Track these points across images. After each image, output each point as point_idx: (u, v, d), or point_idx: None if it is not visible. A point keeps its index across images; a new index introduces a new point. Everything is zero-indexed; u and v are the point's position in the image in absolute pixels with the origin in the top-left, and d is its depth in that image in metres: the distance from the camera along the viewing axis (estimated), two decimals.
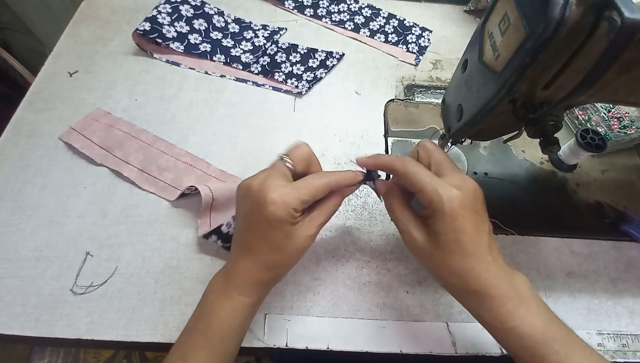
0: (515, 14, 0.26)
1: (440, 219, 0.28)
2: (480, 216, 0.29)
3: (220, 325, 0.30)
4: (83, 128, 0.47)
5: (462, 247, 0.28)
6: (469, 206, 0.28)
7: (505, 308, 0.28)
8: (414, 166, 0.30)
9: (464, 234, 0.28)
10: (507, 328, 0.28)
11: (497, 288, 0.28)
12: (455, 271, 0.29)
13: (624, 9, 0.20)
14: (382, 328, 0.38)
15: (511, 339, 0.28)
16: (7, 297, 0.37)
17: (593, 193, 0.49)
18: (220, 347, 0.30)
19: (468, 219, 0.28)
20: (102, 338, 0.36)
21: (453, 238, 0.28)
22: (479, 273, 0.28)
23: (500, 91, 0.28)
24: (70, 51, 0.55)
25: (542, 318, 0.28)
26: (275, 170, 0.30)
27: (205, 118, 0.51)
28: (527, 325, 0.27)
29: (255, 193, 0.29)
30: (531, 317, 0.28)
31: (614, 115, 0.51)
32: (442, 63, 0.61)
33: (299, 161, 0.32)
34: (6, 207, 0.42)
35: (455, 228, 0.28)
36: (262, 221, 0.29)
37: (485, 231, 0.29)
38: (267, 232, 0.29)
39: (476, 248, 0.28)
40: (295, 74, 0.56)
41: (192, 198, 0.44)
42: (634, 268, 0.44)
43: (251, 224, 0.30)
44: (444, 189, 0.28)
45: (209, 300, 0.31)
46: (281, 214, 0.28)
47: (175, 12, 0.56)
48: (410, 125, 0.53)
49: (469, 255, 0.28)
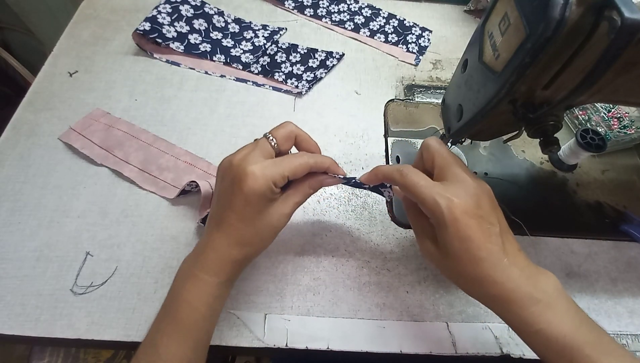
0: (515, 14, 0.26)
1: (444, 230, 0.27)
2: (487, 219, 0.28)
3: (188, 309, 0.29)
4: (83, 128, 0.47)
5: (473, 255, 0.27)
6: (472, 213, 0.27)
7: (529, 312, 0.27)
8: (412, 176, 0.29)
9: (472, 242, 0.27)
10: (532, 332, 0.27)
11: (518, 292, 0.27)
12: (471, 279, 0.28)
13: (624, 9, 0.20)
14: (382, 328, 0.38)
15: (538, 342, 0.27)
16: (7, 297, 0.37)
17: (593, 193, 0.49)
18: (190, 332, 0.29)
19: (472, 227, 0.27)
20: (102, 338, 0.36)
21: (461, 247, 0.27)
22: (495, 278, 0.27)
23: (500, 91, 0.28)
24: (70, 51, 0.55)
25: (571, 321, 0.27)
26: (257, 147, 0.30)
27: (205, 118, 0.51)
28: (554, 328, 0.26)
29: (235, 168, 0.29)
30: (559, 320, 0.26)
31: (614, 115, 0.51)
32: (442, 63, 0.61)
33: (283, 139, 0.32)
34: (6, 207, 0.42)
35: (461, 237, 0.27)
36: (240, 195, 0.28)
37: (495, 234, 0.28)
38: (242, 206, 0.29)
39: (488, 253, 0.27)
40: (295, 74, 0.56)
41: (192, 197, 0.44)
42: (634, 268, 0.44)
43: (228, 200, 0.29)
44: (444, 199, 0.27)
45: (177, 283, 0.30)
46: (260, 187, 0.28)
47: (175, 12, 0.56)
48: (410, 125, 0.53)
49: (481, 262, 0.27)
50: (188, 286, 0.29)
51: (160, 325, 0.29)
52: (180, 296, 0.29)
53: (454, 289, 0.41)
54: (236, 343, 0.36)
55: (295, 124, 0.33)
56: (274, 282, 0.40)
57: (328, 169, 0.33)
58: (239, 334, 0.37)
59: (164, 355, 0.28)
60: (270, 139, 0.31)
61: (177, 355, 0.28)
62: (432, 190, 0.28)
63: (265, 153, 0.30)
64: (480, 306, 0.40)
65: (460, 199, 0.27)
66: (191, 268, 0.30)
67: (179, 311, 0.29)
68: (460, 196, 0.28)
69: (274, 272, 0.40)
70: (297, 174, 0.30)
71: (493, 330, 0.39)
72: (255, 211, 0.29)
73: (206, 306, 0.29)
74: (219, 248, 0.30)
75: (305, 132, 0.34)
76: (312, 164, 0.31)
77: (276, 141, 0.31)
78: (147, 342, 0.29)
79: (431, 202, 0.28)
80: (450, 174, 0.29)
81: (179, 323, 0.29)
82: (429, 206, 0.28)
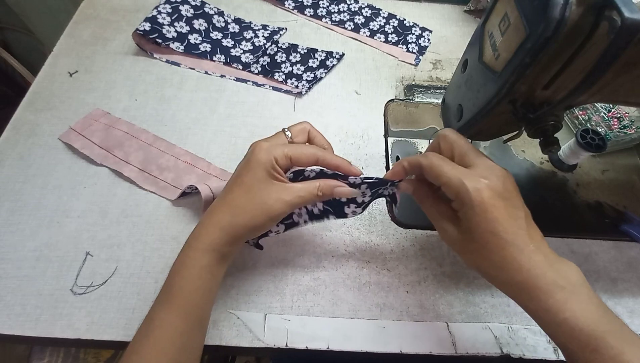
0: (515, 14, 0.26)
1: (470, 212, 0.27)
2: (512, 203, 0.28)
3: (179, 279, 0.30)
4: (82, 128, 0.47)
5: (499, 238, 0.27)
6: (498, 195, 0.27)
7: (554, 300, 0.26)
8: (438, 160, 0.29)
9: (498, 224, 0.27)
10: (557, 321, 0.26)
11: (543, 279, 0.27)
12: (496, 264, 0.28)
13: (624, 9, 0.20)
14: (382, 328, 0.38)
15: (561, 332, 0.26)
16: (7, 297, 0.37)
17: (593, 193, 0.49)
18: (182, 302, 0.30)
19: (500, 209, 0.27)
20: (102, 338, 0.36)
21: (487, 229, 0.27)
22: (521, 263, 0.27)
23: (500, 91, 0.28)
24: (70, 51, 0.55)
25: (595, 310, 0.26)
26: (275, 136, 0.34)
27: (205, 118, 0.51)
28: (579, 317, 0.26)
29: (251, 147, 0.32)
30: (583, 309, 0.26)
31: (614, 115, 0.51)
32: (442, 63, 0.61)
33: (296, 132, 0.35)
34: (6, 207, 0.42)
35: (488, 219, 0.27)
36: (246, 165, 0.31)
37: (521, 218, 0.28)
38: (244, 174, 0.31)
39: (514, 237, 0.27)
40: (295, 74, 0.56)
41: (192, 197, 0.44)
42: (634, 268, 0.44)
43: (237, 171, 0.32)
44: (470, 180, 0.27)
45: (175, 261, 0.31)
46: (263, 157, 0.30)
47: (175, 12, 0.56)
48: (410, 125, 0.53)
49: (507, 246, 0.27)
50: (183, 259, 0.31)
51: (158, 298, 0.31)
52: (175, 269, 0.31)
53: (454, 289, 0.41)
54: (236, 343, 0.36)
55: (310, 124, 0.36)
56: (274, 282, 0.40)
57: (338, 168, 0.33)
58: (239, 334, 0.37)
59: (157, 324, 0.29)
60: (286, 131, 0.34)
61: (169, 323, 0.29)
62: (458, 172, 0.28)
63: (279, 140, 0.33)
64: (480, 306, 0.40)
65: (488, 181, 0.27)
66: (188, 240, 0.32)
67: (173, 283, 0.30)
68: (488, 177, 0.28)
69: (274, 272, 0.40)
70: (301, 159, 0.32)
71: (493, 330, 0.39)
72: (255, 180, 0.31)
73: (196, 277, 0.30)
74: (213, 214, 0.31)
75: (320, 131, 0.36)
76: (320, 156, 0.32)
77: (290, 133, 0.34)
78: (147, 314, 0.31)
79: (457, 183, 0.28)
80: (473, 159, 0.29)
81: (172, 294, 0.30)
82: (454, 187, 0.28)
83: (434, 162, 0.29)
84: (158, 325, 0.29)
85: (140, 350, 0.29)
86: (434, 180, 0.30)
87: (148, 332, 0.29)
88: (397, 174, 0.33)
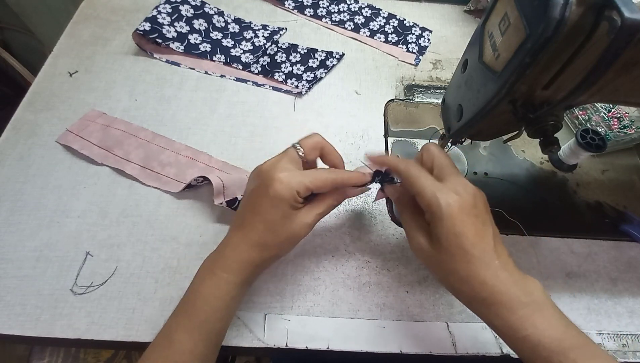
0: (515, 14, 0.26)
1: (439, 224, 0.28)
2: (482, 220, 0.29)
3: (203, 304, 0.30)
4: (80, 130, 0.47)
5: (465, 252, 0.28)
6: (468, 211, 0.28)
7: (517, 316, 0.27)
8: (415, 170, 0.30)
9: (466, 239, 0.27)
10: (520, 337, 0.27)
11: (507, 295, 0.27)
12: (461, 278, 0.28)
13: (624, 9, 0.20)
14: (382, 328, 0.38)
15: (525, 348, 0.27)
16: (7, 297, 0.37)
17: (593, 193, 0.49)
18: (204, 326, 0.29)
19: (468, 224, 0.28)
20: (102, 338, 0.36)
21: (454, 243, 0.28)
22: (486, 279, 0.27)
23: (500, 91, 0.28)
24: (70, 51, 0.55)
25: (558, 326, 0.27)
26: (286, 155, 0.32)
27: (205, 118, 0.51)
28: (541, 333, 0.26)
29: (264, 173, 0.31)
30: (546, 325, 0.27)
31: (614, 115, 0.51)
32: (442, 63, 0.61)
33: (309, 149, 0.33)
34: (6, 207, 0.42)
35: (456, 233, 0.27)
36: (265, 198, 0.30)
37: (489, 235, 0.29)
38: (266, 210, 0.30)
39: (481, 253, 0.28)
40: (295, 74, 0.56)
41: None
42: (634, 268, 0.44)
43: (253, 202, 0.31)
44: (443, 193, 0.28)
45: (196, 280, 0.31)
46: (285, 193, 0.29)
47: (175, 12, 0.56)
48: (410, 125, 0.53)
49: (474, 260, 0.28)
50: (206, 283, 0.30)
51: (177, 319, 0.30)
52: (198, 292, 0.30)
53: None
54: (236, 343, 0.36)
55: (322, 136, 0.34)
56: (274, 282, 0.40)
57: (356, 184, 0.34)
58: (239, 334, 0.37)
59: (177, 347, 0.29)
60: (297, 148, 0.33)
61: (190, 348, 0.29)
62: (432, 185, 0.29)
63: (293, 161, 0.32)
64: None
65: (460, 197, 0.28)
66: (211, 266, 0.31)
67: (195, 306, 0.30)
68: (459, 193, 0.28)
69: (274, 272, 0.40)
70: (322, 188, 0.32)
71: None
72: (279, 216, 0.30)
73: (222, 304, 0.30)
74: (238, 249, 0.31)
75: (332, 145, 0.35)
76: (340, 182, 0.32)
77: (303, 151, 0.33)
78: (163, 333, 0.30)
79: (430, 195, 0.28)
80: (448, 175, 0.30)
81: (194, 317, 0.29)
82: (427, 199, 0.29)
83: (410, 170, 0.31)
84: (180, 349, 0.29)
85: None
86: (409, 187, 0.31)
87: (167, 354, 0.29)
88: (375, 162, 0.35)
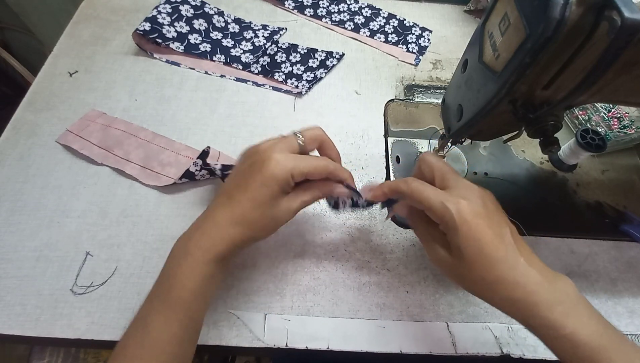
0: (515, 14, 0.26)
1: (455, 234, 0.27)
2: (495, 220, 0.28)
3: (179, 288, 0.29)
4: (80, 130, 0.47)
5: (489, 257, 0.27)
6: (480, 214, 0.27)
7: (555, 314, 0.26)
8: (418, 185, 0.30)
9: (485, 243, 0.27)
10: (560, 336, 0.26)
11: (541, 294, 0.26)
12: (490, 284, 0.27)
13: (624, 9, 0.20)
14: (382, 328, 0.38)
15: (566, 347, 0.26)
16: (7, 297, 0.37)
17: (593, 193, 0.49)
18: (181, 310, 0.28)
19: (484, 227, 0.27)
20: (102, 338, 0.36)
21: (475, 249, 0.27)
22: (516, 279, 0.26)
23: (500, 91, 0.28)
24: (70, 51, 0.55)
25: (596, 324, 0.26)
26: (285, 140, 0.32)
27: (205, 118, 0.51)
28: (581, 332, 0.25)
29: (261, 152, 0.30)
30: (585, 321, 0.26)
31: (614, 115, 0.51)
32: (442, 63, 0.61)
33: (310, 140, 0.33)
34: (6, 207, 0.42)
35: (475, 238, 0.27)
36: (258, 176, 0.29)
37: (507, 234, 0.28)
38: (256, 187, 0.29)
39: (504, 254, 0.27)
40: (295, 74, 0.56)
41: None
42: (634, 268, 0.44)
43: (245, 179, 0.30)
44: (451, 202, 0.27)
45: (170, 261, 0.30)
46: (279, 173, 0.29)
47: (175, 12, 0.56)
48: (410, 125, 0.53)
49: (498, 264, 0.27)
50: (181, 264, 0.29)
51: (152, 303, 0.29)
52: (173, 274, 0.29)
53: (454, 289, 0.41)
54: (236, 343, 0.36)
55: (323, 130, 0.34)
56: (274, 282, 0.40)
57: (345, 181, 0.34)
58: (239, 334, 0.37)
59: (153, 332, 0.28)
60: (298, 136, 0.33)
61: (166, 332, 0.28)
62: (439, 196, 0.28)
63: (290, 147, 0.31)
64: (480, 306, 0.40)
65: (467, 201, 0.28)
66: (187, 243, 0.30)
67: (170, 289, 0.29)
68: (467, 198, 0.28)
69: (274, 272, 0.40)
70: (315, 175, 0.31)
71: (493, 330, 0.39)
72: (268, 197, 0.30)
73: (198, 286, 0.29)
74: (220, 224, 0.30)
75: (332, 140, 0.35)
76: (332, 169, 0.32)
77: (304, 140, 0.32)
78: (138, 318, 0.29)
79: (439, 206, 0.28)
80: (452, 181, 0.30)
81: (170, 301, 0.29)
82: (437, 210, 0.28)
83: (414, 187, 0.30)
84: (155, 333, 0.28)
85: (134, 357, 0.28)
86: (417, 205, 0.30)
87: (143, 339, 0.28)
88: (377, 198, 0.34)
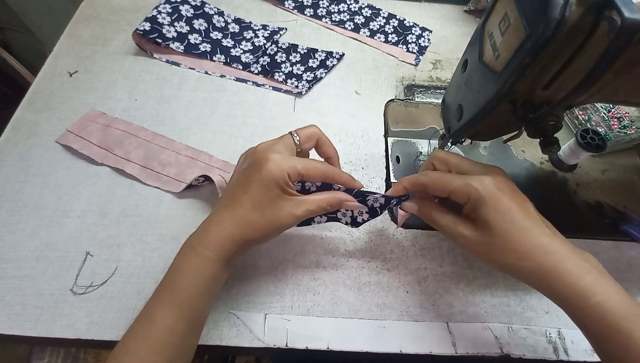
0: (515, 14, 0.26)
1: (484, 207, 0.28)
2: (519, 194, 0.30)
3: (185, 283, 0.29)
4: (80, 130, 0.47)
5: (518, 226, 0.28)
6: (504, 187, 0.29)
7: (585, 282, 0.26)
8: (438, 173, 0.31)
9: (514, 213, 0.28)
10: (591, 305, 0.25)
11: (571, 262, 0.26)
12: (522, 253, 0.27)
13: (624, 9, 0.20)
14: (382, 328, 0.38)
15: (595, 317, 0.25)
16: (7, 297, 0.37)
17: (593, 193, 0.49)
18: (186, 304, 0.29)
19: (511, 199, 0.28)
20: (102, 338, 0.36)
21: (505, 220, 0.28)
22: (547, 247, 0.27)
23: (500, 91, 0.28)
24: (70, 51, 0.55)
25: (622, 293, 0.26)
26: (282, 141, 0.33)
27: (205, 118, 0.51)
28: (611, 300, 0.25)
29: (258, 153, 0.31)
30: (613, 292, 0.26)
31: (614, 115, 0.51)
32: (442, 63, 0.61)
33: (306, 138, 0.34)
34: (6, 207, 0.42)
35: (503, 209, 0.28)
36: (256, 177, 0.30)
37: (531, 206, 0.29)
38: (255, 188, 0.30)
39: (532, 223, 0.28)
40: (295, 74, 0.56)
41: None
42: (634, 268, 0.44)
43: (244, 181, 0.31)
44: (475, 180, 0.29)
45: (178, 258, 0.31)
46: (276, 173, 0.30)
47: (175, 12, 0.56)
48: (410, 125, 0.53)
49: (527, 232, 0.27)
50: (188, 260, 0.30)
51: (158, 297, 0.30)
52: (180, 270, 0.30)
53: (454, 289, 0.41)
54: (236, 343, 0.36)
55: (318, 128, 0.35)
56: (274, 282, 0.40)
57: (345, 184, 0.34)
58: (239, 334, 0.37)
59: (158, 325, 0.28)
60: (294, 136, 0.34)
61: (171, 326, 0.29)
62: (460, 178, 0.30)
63: (287, 146, 0.32)
64: (480, 306, 0.40)
65: (491, 176, 0.29)
66: (193, 243, 0.31)
67: (176, 284, 0.30)
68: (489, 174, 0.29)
69: (274, 272, 0.40)
70: (311, 174, 0.32)
71: (493, 330, 0.39)
72: (267, 197, 0.30)
73: (203, 283, 0.30)
74: (222, 224, 0.30)
75: (327, 137, 0.35)
76: (330, 173, 0.33)
77: (299, 138, 0.33)
78: (144, 312, 0.30)
79: (463, 186, 0.29)
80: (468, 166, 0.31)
81: (175, 296, 0.29)
82: (461, 190, 0.29)
83: (435, 176, 0.31)
84: (159, 327, 0.28)
85: (138, 350, 0.28)
86: (441, 192, 0.31)
87: (148, 333, 0.29)
88: (397, 192, 0.35)
